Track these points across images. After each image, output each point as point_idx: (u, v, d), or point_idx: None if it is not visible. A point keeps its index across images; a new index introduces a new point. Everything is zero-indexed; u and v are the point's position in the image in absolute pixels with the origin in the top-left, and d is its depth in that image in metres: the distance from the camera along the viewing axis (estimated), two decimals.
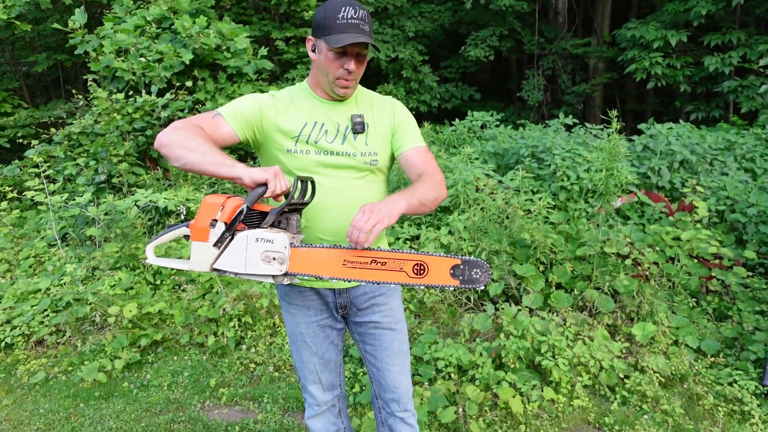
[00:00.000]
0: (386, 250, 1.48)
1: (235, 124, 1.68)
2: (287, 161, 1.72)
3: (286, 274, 1.47)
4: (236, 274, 1.48)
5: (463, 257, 1.46)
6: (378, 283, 1.45)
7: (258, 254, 1.45)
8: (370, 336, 1.93)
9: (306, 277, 1.49)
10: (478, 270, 1.45)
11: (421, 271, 1.46)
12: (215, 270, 1.49)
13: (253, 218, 1.49)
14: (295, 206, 1.53)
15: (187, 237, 1.54)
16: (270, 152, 1.75)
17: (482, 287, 1.45)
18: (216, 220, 1.47)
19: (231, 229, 1.46)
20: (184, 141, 1.52)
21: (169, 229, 1.61)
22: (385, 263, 1.46)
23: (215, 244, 1.47)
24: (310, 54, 1.72)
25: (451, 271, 1.45)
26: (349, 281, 1.48)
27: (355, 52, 1.63)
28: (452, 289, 1.39)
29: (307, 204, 1.57)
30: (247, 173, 1.43)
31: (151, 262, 1.61)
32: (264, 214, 1.49)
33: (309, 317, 1.90)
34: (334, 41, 1.57)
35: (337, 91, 1.70)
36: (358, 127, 1.73)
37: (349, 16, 1.57)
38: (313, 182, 1.57)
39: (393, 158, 1.86)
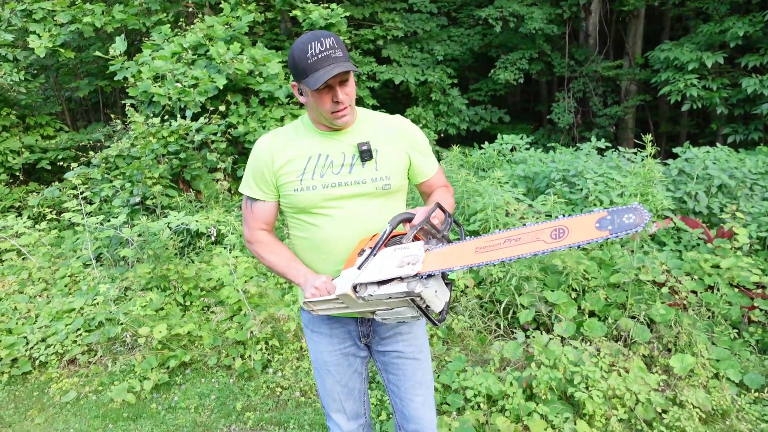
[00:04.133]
0: (520, 227, 1.41)
1: (261, 194, 1.78)
2: (296, 201, 1.71)
3: (418, 277, 1.45)
4: (372, 295, 1.49)
5: (610, 209, 1.28)
6: (512, 260, 1.36)
7: (394, 261, 1.49)
8: (393, 365, 1.90)
9: (436, 273, 1.46)
10: (630, 215, 1.24)
11: (561, 235, 1.32)
12: (354, 287, 1.52)
13: (395, 244, 1.58)
14: (435, 233, 1.59)
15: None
16: (284, 195, 1.76)
17: (640, 230, 1.22)
18: (364, 249, 1.59)
19: (375, 250, 1.55)
20: (260, 259, 1.86)
21: None
22: (519, 239, 1.38)
23: (359, 267, 1.54)
24: (300, 99, 1.72)
25: (597, 225, 1.27)
26: (481, 265, 1.43)
27: (338, 81, 1.60)
28: (600, 241, 1.21)
29: (441, 233, 1.60)
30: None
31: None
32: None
33: (332, 345, 1.88)
34: (313, 82, 1.55)
35: (337, 123, 1.67)
36: (366, 155, 1.70)
37: (317, 51, 1.55)
38: (455, 221, 1.67)
39: (407, 177, 1.85)
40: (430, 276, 1.47)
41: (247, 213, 1.83)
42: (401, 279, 1.46)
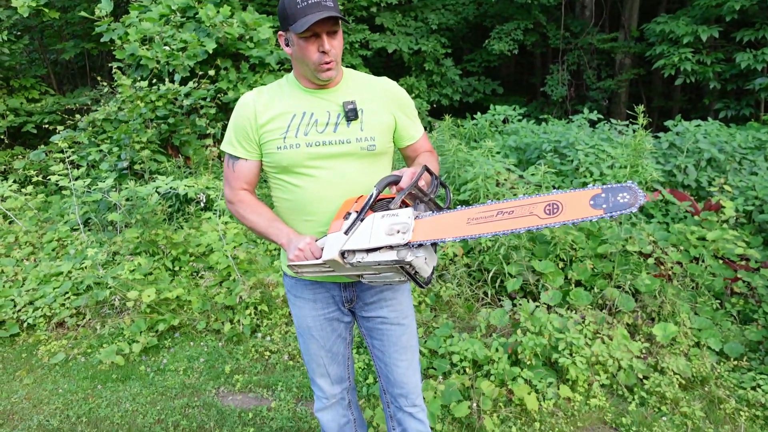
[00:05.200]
0: (512, 199, 1.39)
1: (244, 152, 1.73)
2: (279, 159, 1.68)
3: (408, 246, 1.43)
4: (360, 262, 1.47)
5: (605, 186, 1.28)
6: (505, 233, 1.34)
7: (383, 229, 1.46)
8: (377, 331, 1.90)
9: (428, 243, 1.44)
10: (625, 194, 1.24)
11: (554, 210, 1.31)
12: (342, 253, 1.49)
13: (382, 208, 1.55)
14: (422, 197, 1.55)
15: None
16: (266, 153, 1.72)
17: (634, 210, 1.23)
18: (350, 213, 1.54)
19: (361, 214, 1.51)
20: (241, 219, 1.81)
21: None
22: (513, 211, 1.36)
23: (346, 232, 1.51)
24: (286, 50, 1.67)
25: (591, 202, 1.27)
26: (473, 237, 1.41)
27: (326, 31, 1.56)
28: (595, 220, 1.20)
29: (429, 197, 1.56)
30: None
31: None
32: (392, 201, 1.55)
33: (316, 310, 1.87)
34: (300, 26, 1.51)
35: (321, 77, 1.62)
36: (351, 114, 1.66)
37: None
38: (442, 183, 1.63)
39: (392, 140, 1.82)
40: (420, 245, 1.45)
41: (229, 172, 1.78)
42: (391, 247, 1.44)
